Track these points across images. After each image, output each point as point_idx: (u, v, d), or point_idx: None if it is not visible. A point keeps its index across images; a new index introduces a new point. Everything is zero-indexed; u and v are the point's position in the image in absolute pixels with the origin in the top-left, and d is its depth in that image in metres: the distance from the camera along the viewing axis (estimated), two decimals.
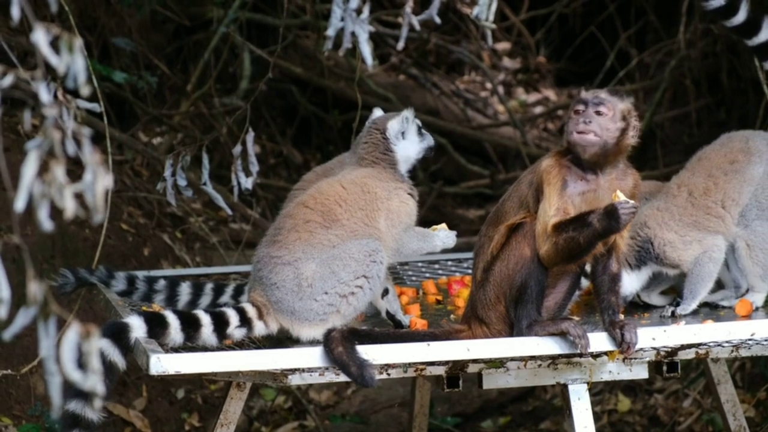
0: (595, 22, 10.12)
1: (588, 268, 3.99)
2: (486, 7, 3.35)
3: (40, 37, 2.36)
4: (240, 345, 3.97)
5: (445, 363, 3.89)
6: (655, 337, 3.84)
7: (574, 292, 4.06)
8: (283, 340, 4.01)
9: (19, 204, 2.34)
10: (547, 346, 3.81)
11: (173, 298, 4.62)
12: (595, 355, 3.93)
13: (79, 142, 2.39)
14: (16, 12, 2.44)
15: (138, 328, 3.75)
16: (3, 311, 2.35)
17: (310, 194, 4.13)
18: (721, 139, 4.55)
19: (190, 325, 3.84)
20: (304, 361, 3.72)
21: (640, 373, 4.06)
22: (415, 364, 3.87)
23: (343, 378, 3.75)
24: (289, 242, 4.00)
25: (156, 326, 3.78)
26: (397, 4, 9.89)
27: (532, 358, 3.94)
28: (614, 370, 4.01)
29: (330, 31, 3.41)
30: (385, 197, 4.12)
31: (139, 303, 4.53)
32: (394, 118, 4.30)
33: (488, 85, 10.76)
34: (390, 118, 4.31)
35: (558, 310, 3.97)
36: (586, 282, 4.22)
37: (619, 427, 6.69)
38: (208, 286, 4.70)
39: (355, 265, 3.98)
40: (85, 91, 2.43)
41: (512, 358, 3.93)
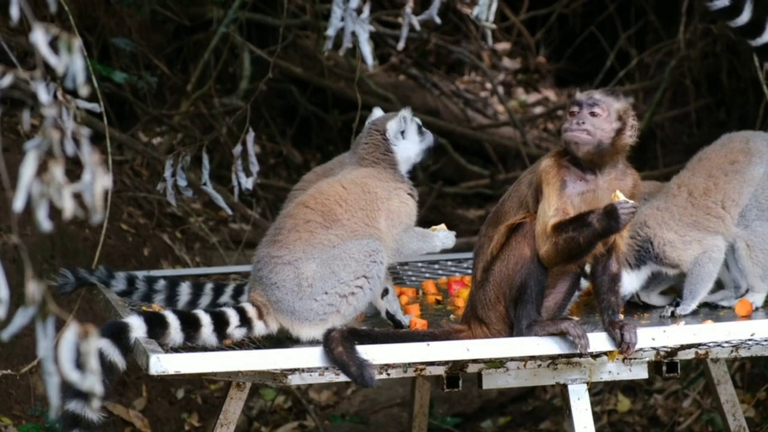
0: (595, 22, 10.12)
1: (588, 269, 3.99)
2: (486, 7, 3.35)
3: (39, 37, 2.36)
4: (240, 345, 3.97)
5: (445, 363, 3.89)
6: (654, 337, 3.83)
7: (574, 293, 4.06)
8: (283, 340, 4.01)
9: (18, 204, 2.33)
10: (547, 346, 3.80)
11: (173, 298, 4.62)
12: (595, 355, 3.92)
13: (78, 142, 2.39)
14: (15, 12, 2.44)
15: (138, 328, 3.74)
16: (2, 311, 2.34)
17: (311, 194, 4.13)
18: (722, 140, 4.54)
19: (190, 325, 3.84)
20: (304, 361, 3.71)
21: (640, 373, 4.05)
22: (414, 364, 3.87)
23: (343, 378, 3.74)
24: (290, 242, 4.00)
25: (156, 326, 3.78)
26: (397, 4, 9.89)
27: (532, 358, 3.94)
28: (614, 370, 4.01)
29: (330, 31, 3.41)
30: (386, 197, 4.11)
31: (139, 303, 4.53)
32: (394, 118, 4.30)
33: (488, 86, 10.76)
34: (389, 119, 4.31)
35: (558, 310, 3.97)
36: (585, 282, 4.22)
37: (618, 427, 6.69)
38: (208, 286, 4.70)
39: (355, 265, 3.98)
40: (84, 91, 2.43)
41: (512, 358, 3.93)
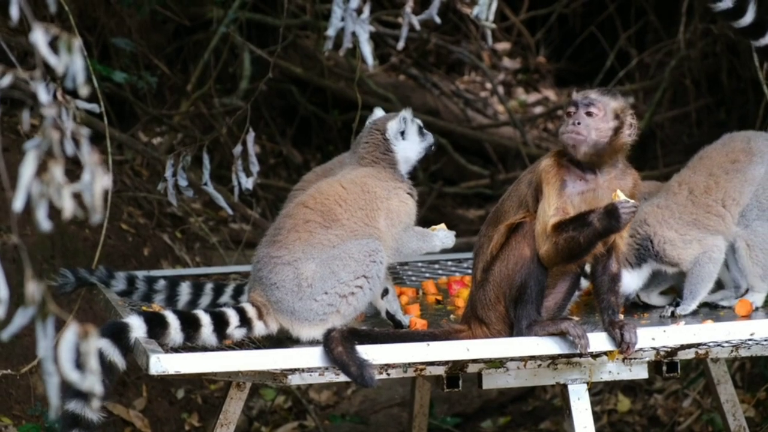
0: (595, 22, 10.12)
1: (588, 269, 3.99)
2: (486, 7, 3.35)
3: (39, 37, 2.36)
4: (240, 345, 3.97)
5: (445, 363, 3.88)
6: (654, 337, 3.83)
7: (574, 293, 4.06)
8: (283, 340, 4.01)
9: (18, 204, 2.33)
10: (547, 346, 3.80)
11: (173, 298, 4.62)
12: (595, 355, 3.92)
13: (77, 142, 2.39)
14: (15, 12, 2.44)
15: (138, 328, 3.74)
16: (2, 311, 2.34)
17: (310, 194, 4.13)
18: (723, 139, 4.55)
19: (190, 325, 3.84)
20: (304, 361, 3.71)
21: (640, 373, 4.05)
22: (414, 364, 3.86)
23: (343, 378, 3.74)
24: (289, 242, 4.00)
25: (156, 326, 3.78)
26: (397, 4, 9.89)
27: (532, 358, 3.93)
28: (614, 370, 4.01)
29: (330, 31, 3.41)
30: (385, 197, 4.11)
31: (139, 303, 4.53)
32: (394, 118, 4.30)
33: (488, 85, 10.76)
34: (390, 119, 4.31)
35: (558, 310, 3.97)
36: (585, 282, 4.22)
37: (618, 427, 6.69)
38: (208, 286, 4.70)
39: (355, 265, 3.97)
40: (84, 92, 2.43)
41: (512, 358, 3.93)
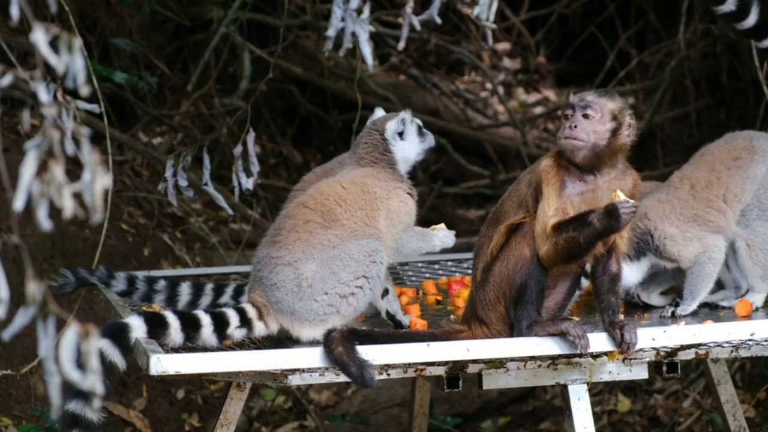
0: (595, 23, 10.12)
1: (588, 268, 3.99)
2: (486, 7, 3.35)
3: (39, 36, 2.36)
4: (240, 345, 3.97)
5: (445, 363, 3.88)
6: (654, 337, 3.83)
7: (574, 293, 4.06)
8: (283, 340, 4.01)
9: (18, 203, 2.33)
10: (547, 346, 3.80)
11: (173, 298, 4.62)
12: (595, 356, 3.92)
13: (78, 142, 2.39)
14: (15, 12, 2.44)
15: (138, 328, 3.74)
16: (2, 311, 2.34)
17: (310, 194, 4.13)
18: (725, 137, 4.56)
19: (191, 326, 3.84)
20: (304, 362, 3.71)
21: (640, 373, 4.05)
22: (415, 364, 3.86)
23: (343, 378, 3.74)
24: (289, 243, 4.00)
25: (156, 326, 3.78)
26: (398, 4, 9.89)
27: (532, 358, 3.93)
28: (614, 371, 4.01)
29: (330, 32, 3.41)
30: (385, 197, 4.11)
31: (139, 303, 4.53)
32: (393, 118, 4.30)
33: (488, 86, 10.76)
34: (389, 119, 4.31)
35: (558, 310, 3.97)
36: (586, 282, 4.22)
37: (619, 427, 6.69)
38: (209, 287, 4.70)
39: (355, 266, 3.97)
40: (85, 91, 2.43)
41: (512, 359, 3.93)
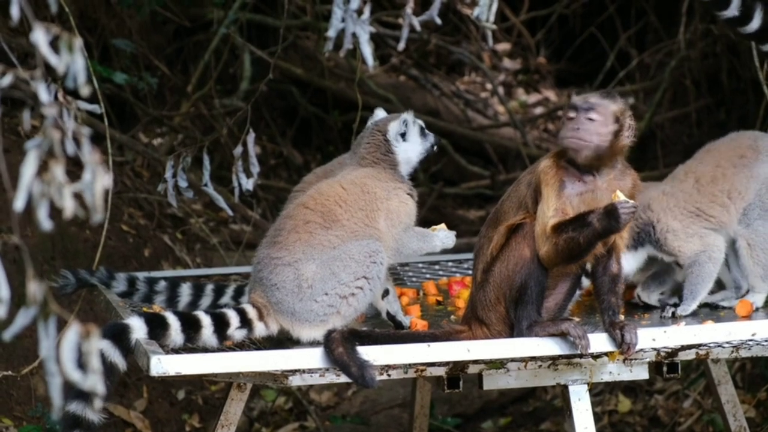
0: (595, 23, 10.12)
1: (589, 268, 3.99)
2: (486, 7, 3.35)
3: (40, 36, 2.36)
4: (240, 346, 3.97)
5: (446, 364, 3.88)
6: (655, 337, 3.83)
7: (574, 293, 4.06)
8: (283, 341, 4.01)
9: (19, 203, 2.33)
10: (548, 346, 3.80)
11: (174, 299, 4.62)
12: (596, 356, 3.92)
13: (78, 142, 2.39)
14: (15, 12, 2.44)
15: (138, 329, 3.74)
16: (3, 311, 2.34)
17: (310, 195, 4.13)
18: (731, 136, 4.59)
19: (191, 326, 3.84)
20: (305, 362, 3.71)
21: (641, 373, 4.05)
22: (415, 364, 3.86)
23: (344, 379, 3.74)
24: (290, 243, 4.00)
25: (156, 327, 3.78)
26: (398, 5, 9.89)
27: (533, 358, 3.93)
28: (614, 371, 4.01)
29: (331, 32, 3.41)
30: (385, 197, 4.11)
31: (140, 304, 4.53)
32: (395, 120, 4.30)
33: (488, 86, 10.76)
34: (391, 120, 4.31)
35: (558, 310, 3.97)
36: (587, 281, 4.21)
37: (619, 427, 6.69)
38: (209, 287, 4.70)
39: (356, 266, 3.97)
40: (85, 92, 2.43)
41: (513, 359, 3.93)
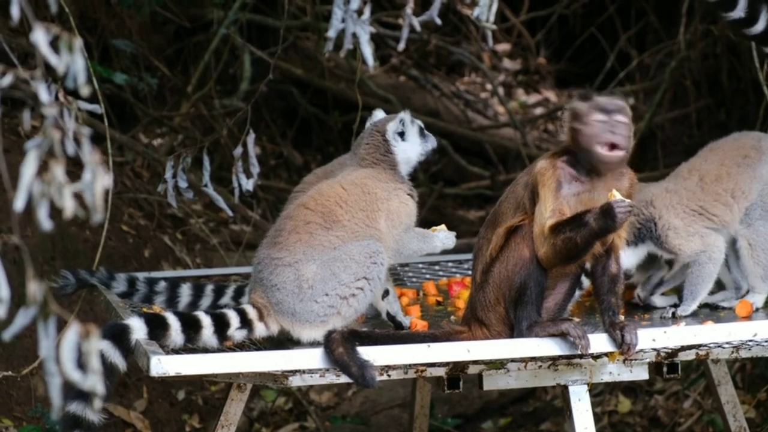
0: (596, 23, 10.12)
1: (588, 267, 3.99)
2: (486, 8, 3.35)
3: (40, 36, 2.36)
4: (240, 346, 3.97)
5: (446, 364, 3.88)
6: (655, 338, 3.83)
7: (574, 293, 4.06)
8: (283, 341, 4.01)
9: (19, 203, 2.33)
10: (548, 347, 3.80)
11: (174, 299, 4.62)
12: (596, 356, 3.92)
13: (78, 142, 2.39)
14: (15, 12, 2.44)
15: (138, 329, 3.74)
16: (2, 311, 2.34)
17: (311, 196, 4.13)
18: (734, 135, 4.60)
19: (191, 327, 3.83)
20: (305, 363, 3.71)
21: (641, 374, 4.05)
22: (415, 365, 3.86)
23: (344, 379, 3.74)
24: (290, 244, 4.00)
25: (156, 328, 3.77)
26: (398, 5, 9.89)
27: (533, 359, 3.93)
28: (614, 371, 4.01)
29: (331, 33, 3.41)
30: (385, 198, 4.11)
31: (140, 304, 4.53)
32: (393, 119, 4.30)
33: (488, 87, 10.76)
34: (390, 120, 4.31)
35: (558, 311, 3.96)
36: (588, 282, 4.21)
37: (619, 428, 6.69)
38: (209, 288, 4.70)
39: (356, 267, 3.97)
40: (85, 92, 2.43)
41: (512, 360, 3.93)
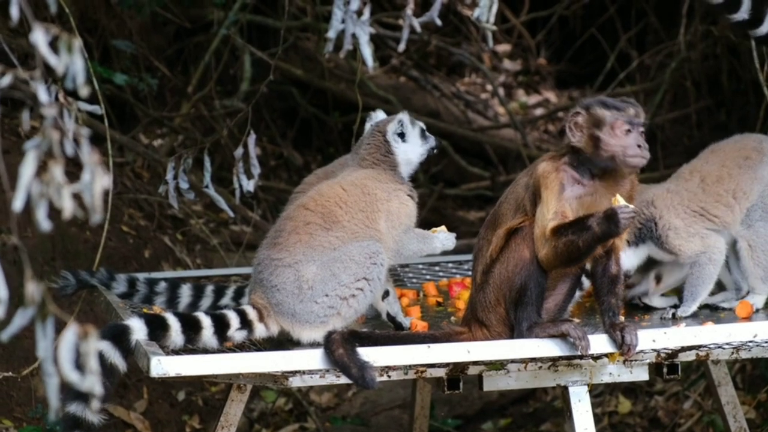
0: (596, 24, 10.12)
1: (588, 267, 3.98)
2: (486, 9, 3.35)
3: (39, 36, 2.36)
4: (240, 347, 3.97)
5: (446, 365, 3.88)
6: (655, 339, 3.83)
7: (574, 294, 4.05)
8: (283, 342, 4.01)
9: (17, 204, 2.33)
10: (548, 347, 3.80)
11: (174, 300, 4.62)
12: (596, 357, 3.92)
13: (78, 143, 2.39)
14: (15, 12, 2.44)
15: (139, 330, 3.74)
16: (1, 312, 2.34)
17: (311, 196, 4.12)
18: (735, 137, 4.61)
19: (191, 328, 3.84)
20: (305, 363, 3.71)
21: (641, 375, 4.05)
22: (415, 366, 3.86)
23: (344, 380, 3.74)
24: (290, 245, 4.00)
25: (157, 328, 3.77)
26: (398, 6, 9.89)
27: (533, 360, 3.93)
28: (614, 372, 4.01)
29: (331, 33, 3.41)
30: (385, 198, 4.11)
31: (140, 305, 4.53)
32: (393, 120, 4.30)
33: (489, 87, 10.76)
34: (390, 121, 4.31)
35: (558, 311, 3.96)
36: (588, 282, 4.21)
37: (619, 428, 6.68)
38: (209, 288, 4.70)
39: (356, 268, 3.97)
40: (84, 92, 2.43)
41: (513, 360, 3.93)
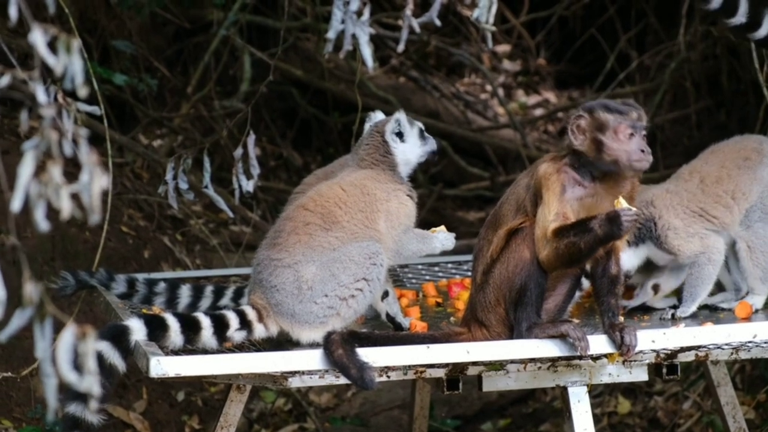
0: (596, 25, 10.12)
1: (588, 267, 3.98)
2: (486, 9, 3.35)
3: (38, 37, 2.36)
4: (240, 347, 3.97)
5: (445, 365, 3.88)
6: (654, 339, 3.83)
7: (574, 295, 4.05)
8: (283, 342, 4.01)
9: (16, 204, 2.33)
10: (547, 348, 3.80)
11: (173, 300, 4.62)
12: (595, 358, 3.92)
13: (76, 143, 2.39)
14: (13, 12, 2.44)
15: (138, 330, 3.74)
16: (0, 311, 2.34)
17: (310, 197, 4.12)
18: (735, 138, 4.61)
19: (190, 328, 3.83)
20: (304, 364, 3.71)
21: (640, 375, 4.05)
22: (415, 366, 3.86)
23: (343, 380, 3.74)
24: (289, 245, 4.00)
25: (156, 329, 3.77)
26: (398, 6, 9.89)
27: (532, 360, 3.93)
28: (614, 373, 4.01)
29: (330, 34, 3.41)
30: (384, 199, 4.11)
31: (140, 305, 4.53)
32: (391, 120, 4.30)
33: (488, 88, 10.76)
34: (388, 121, 4.31)
35: (558, 312, 3.96)
36: (587, 283, 4.21)
37: (619, 429, 6.68)
38: (208, 289, 4.70)
39: (355, 268, 3.97)
40: (83, 93, 2.43)
41: (512, 361, 3.93)
